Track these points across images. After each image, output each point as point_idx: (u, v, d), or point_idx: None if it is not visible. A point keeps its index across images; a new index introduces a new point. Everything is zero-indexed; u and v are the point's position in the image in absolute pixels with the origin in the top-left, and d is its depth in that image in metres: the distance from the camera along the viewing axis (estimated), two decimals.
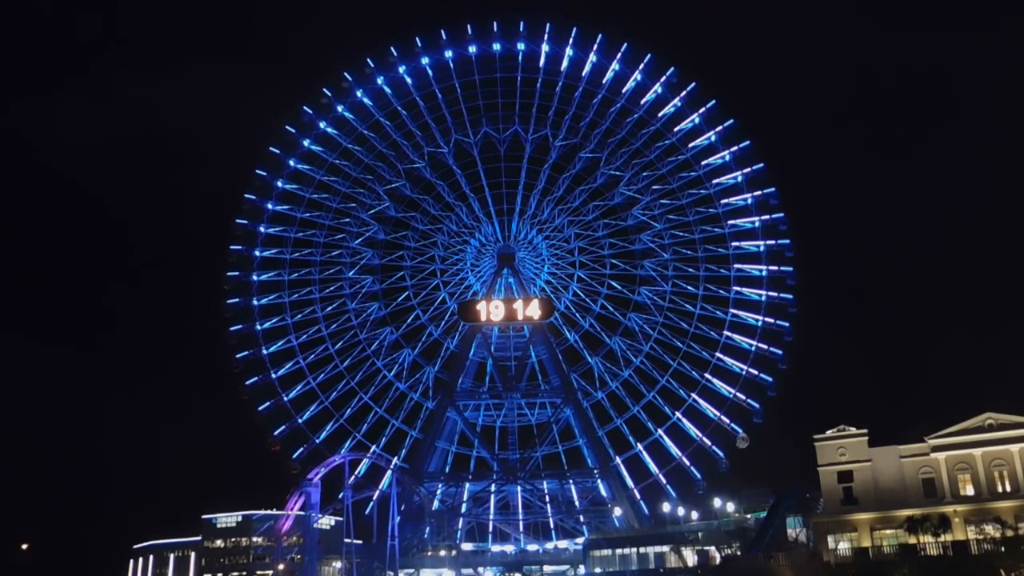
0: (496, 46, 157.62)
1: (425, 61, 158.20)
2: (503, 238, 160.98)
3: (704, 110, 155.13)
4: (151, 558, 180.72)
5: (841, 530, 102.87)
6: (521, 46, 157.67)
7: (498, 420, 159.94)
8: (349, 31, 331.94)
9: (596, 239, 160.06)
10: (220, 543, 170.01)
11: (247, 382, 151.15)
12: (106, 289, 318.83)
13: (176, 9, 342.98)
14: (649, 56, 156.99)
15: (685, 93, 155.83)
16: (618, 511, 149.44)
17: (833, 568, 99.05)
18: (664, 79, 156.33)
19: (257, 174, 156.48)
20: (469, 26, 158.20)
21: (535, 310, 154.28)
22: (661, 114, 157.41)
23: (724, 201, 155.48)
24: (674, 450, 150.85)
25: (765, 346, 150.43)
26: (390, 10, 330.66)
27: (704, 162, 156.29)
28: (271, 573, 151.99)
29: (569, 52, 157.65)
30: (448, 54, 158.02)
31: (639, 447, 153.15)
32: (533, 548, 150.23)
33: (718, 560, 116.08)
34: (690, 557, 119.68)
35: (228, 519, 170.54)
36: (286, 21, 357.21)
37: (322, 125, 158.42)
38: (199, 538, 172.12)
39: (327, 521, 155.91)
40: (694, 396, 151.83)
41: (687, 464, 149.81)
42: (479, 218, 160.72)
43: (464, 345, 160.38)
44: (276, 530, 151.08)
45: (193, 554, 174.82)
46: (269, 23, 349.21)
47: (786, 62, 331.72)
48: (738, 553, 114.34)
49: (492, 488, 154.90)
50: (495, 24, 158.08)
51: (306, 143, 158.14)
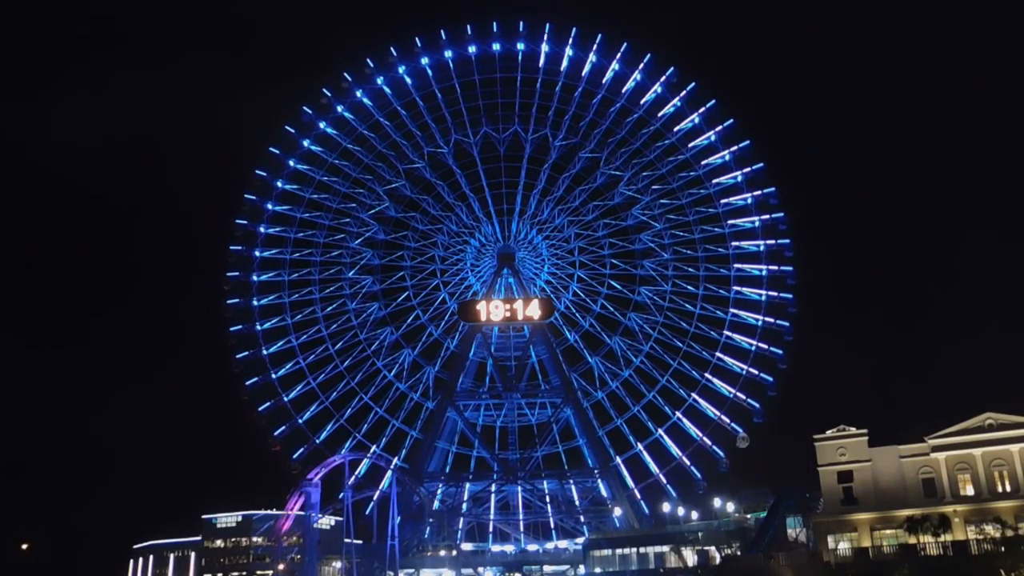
0: (496, 46, 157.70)
1: (425, 61, 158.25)
2: (503, 238, 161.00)
3: (704, 110, 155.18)
4: (151, 558, 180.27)
5: (841, 530, 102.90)
6: (521, 46, 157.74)
7: (498, 420, 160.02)
8: (349, 31, 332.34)
9: (596, 239, 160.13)
10: (220, 543, 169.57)
11: (247, 382, 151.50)
12: (106, 289, 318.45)
13: (176, 9, 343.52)
14: (649, 56, 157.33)
15: (685, 93, 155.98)
16: (618, 511, 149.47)
17: (833, 568, 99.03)
18: (664, 79, 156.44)
19: (257, 174, 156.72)
20: (469, 26, 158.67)
21: (535, 310, 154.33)
22: (661, 114, 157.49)
23: (724, 201, 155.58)
24: (674, 450, 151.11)
25: (765, 346, 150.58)
26: (390, 10, 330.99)
27: (704, 162, 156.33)
28: (271, 573, 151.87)
29: (569, 52, 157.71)
30: (448, 54, 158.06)
31: (639, 447, 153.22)
32: (533, 548, 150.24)
33: (718, 560, 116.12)
34: (690, 557, 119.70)
35: (228, 519, 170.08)
36: (286, 21, 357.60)
37: (322, 125, 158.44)
38: (199, 538, 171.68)
39: (327, 521, 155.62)
40: (694, 396, 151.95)
41: (687, 464, 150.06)
42: (479, 218, 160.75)
43: (464, 345, 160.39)
44: (276, 530, 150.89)
45: (193, 554, 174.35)
46: (269, 23, 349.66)
47: (786, 62, 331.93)
48: (738, 553, 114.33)
49: (492, 488, 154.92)
50: (495, 24, 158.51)
51: (306, 143, 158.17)
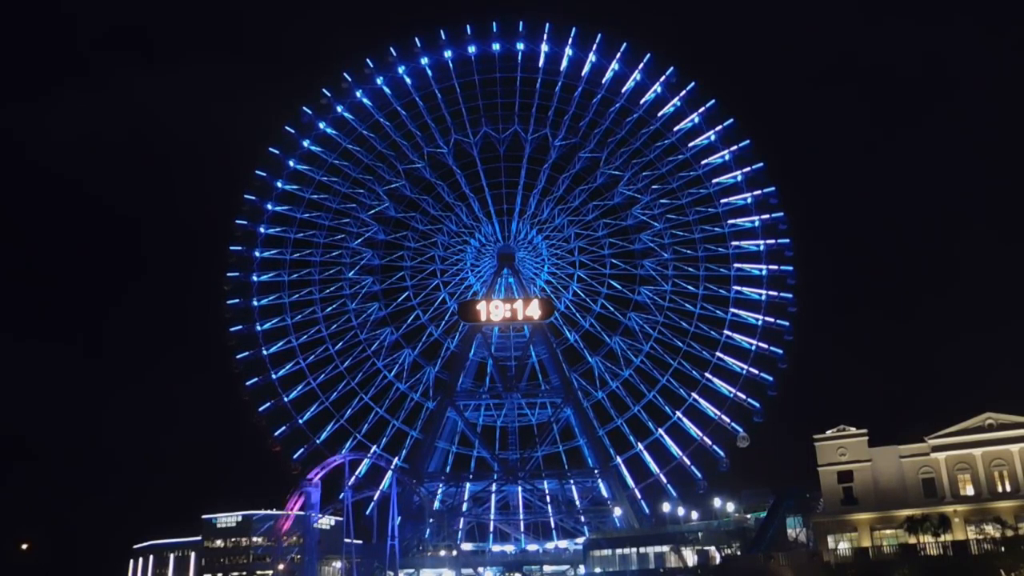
0: (495, 46, 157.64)
1: (424, 61, 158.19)
2: (503, 238, 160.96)
3: (704, 109, 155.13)
4: (151, 558, 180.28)
5: (841, 530, 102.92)
6: (520, 46, 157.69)
7: (498, 420, 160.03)
8: (348, 31, 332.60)
9: (596, 239, 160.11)
10: (220, 543, 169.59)
11: (247, 383, 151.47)
12: (106, 289, 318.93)
13: (176, 8, 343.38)
14: (649, 56, 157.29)
15: (685, 93, 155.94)
16: (618, 511, 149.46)
17: (833, 568, 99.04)
18: (664, 79, 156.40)
19: (257, 174, 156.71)
20: (468, 26, 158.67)
21: (535, 310, 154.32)
22: (661, 114, 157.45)
23: (724, 200, 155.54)
24: (675, 449, 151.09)
25: (765, 345, 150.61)
26: (390, 10, 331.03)
27: (704, 161, 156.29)
28: (271, 573, 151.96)
29: (568, 52, 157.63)
30: (447, 54, 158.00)
31: (640, 447, 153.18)
32: (533, 548, 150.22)
33: (718, 560, 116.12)
34: (690, 557, 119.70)
35: (228, 519, 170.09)
36: (286, 21, 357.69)
37: (322, 125, 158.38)
38: (199, 538, 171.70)
39: (327, 521, 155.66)
40: (694, 395, 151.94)
41: (688, 464, 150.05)
42: (479, 218, 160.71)
43: (464, 345, 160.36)
44: (276, 530, 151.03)
45: (193, 554, 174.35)
46: (269, 23, 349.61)
47: (786, 62, 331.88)
48: (738, 553, 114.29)
49: (492, 488, 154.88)
50: (494, 24, 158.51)
51: (306, 143, 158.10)
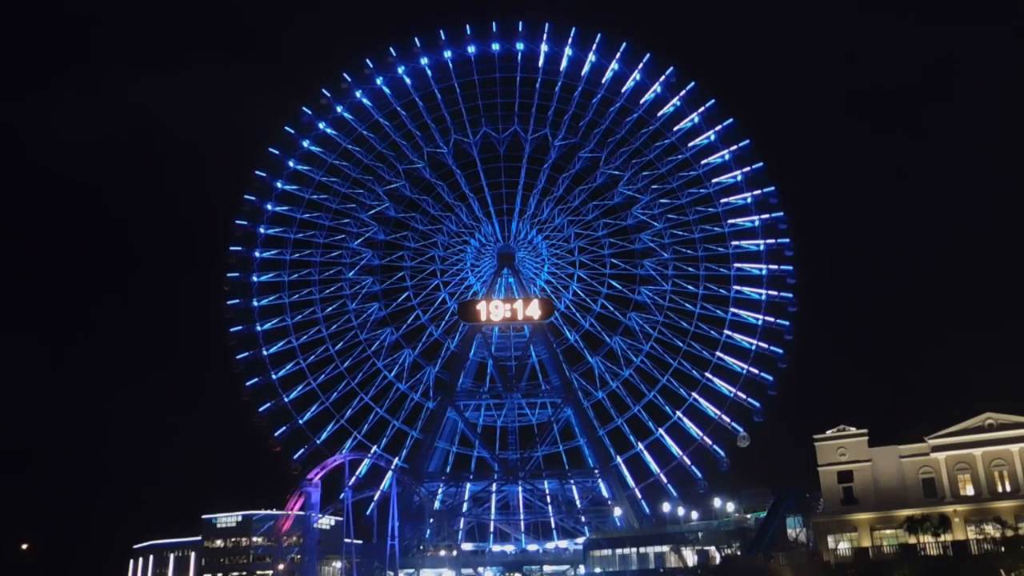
0: (495, 46, 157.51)
1: (424, 61, 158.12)
2: (503, 238, 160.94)
3: (703, 109, 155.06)
4: (151, 558, 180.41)
5: (841, 530, 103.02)
6: (520, 46, 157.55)
7: (498, 420, 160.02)
8: (348, 31, 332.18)
9: (596, 239, 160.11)
10: (220, 543, 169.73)
11: (247, 383, 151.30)
12: (106, 289, 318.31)
13: (176, 8, 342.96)
14: (648, 56, 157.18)
15: (684, 92, 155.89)
16: (618, 511, 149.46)
17: (833, 568, 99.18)
18: (663, 78, 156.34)
19: (257, 175, 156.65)
20: (468, 26, 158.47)
21: (535, 310, 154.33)
22: (660, 113, 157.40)
23: (724, 200, 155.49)
24: (675, 449, 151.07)
25: (765, 345, 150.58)
26: (389, 10, 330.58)
27: (704, 161, 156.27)
28: (271, 573, 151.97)
29: (568, 52, 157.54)
30: (447, 54, 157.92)
31: (640, 446, 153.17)
32: (533, 548, 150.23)
33: (718, 560, 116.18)
34: (690, 557, 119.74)
35: (228, 519, 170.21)
36: (286, 21, 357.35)
37: (321, 126, 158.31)
38: (199, 538, 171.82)
39: (327, 521, 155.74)
40: (695, 395, 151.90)
41: (688, 463, 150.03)
42: (479, 218, 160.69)
43: (464, 345, 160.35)
44: (276, 530, 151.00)
45: (193, 554, 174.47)
46: (269, 23, 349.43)
47: (786, 62, 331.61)
48: (738, 553, 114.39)
49: (492, 488, 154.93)
50: (494, 24, 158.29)
51: (305, 144, 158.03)
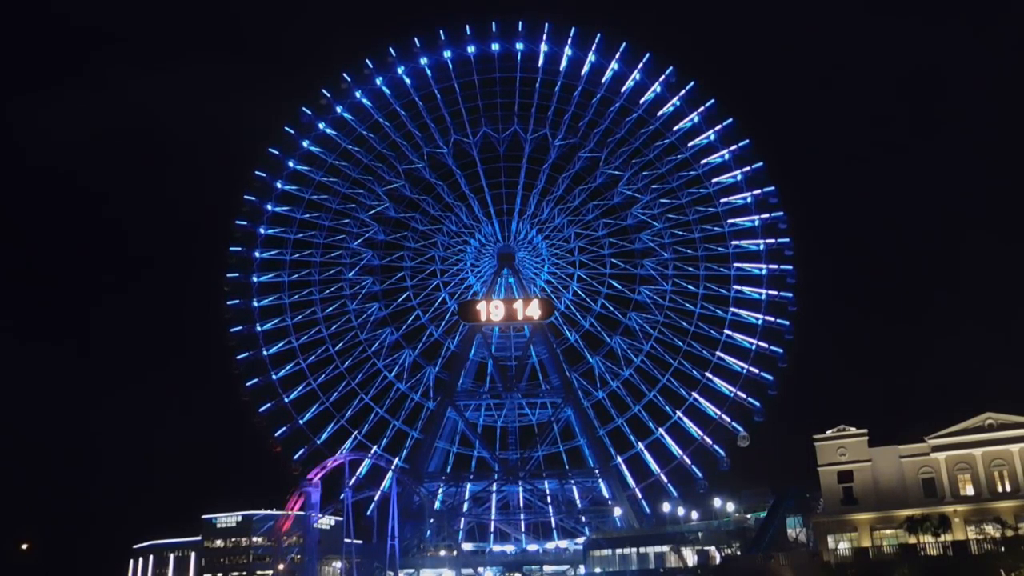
0: (495, 46, 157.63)
1: (424, 61, 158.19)
2: (503, 238, 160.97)
3: (703, 109, 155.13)
4: (151, 558, 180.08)
5: (841, 530, 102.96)
6: (520, 46, 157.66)
7: (499, 420, 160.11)
8: (348, 31, 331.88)
9: (596, 238, 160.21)
10: (220, 543, 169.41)
11: (248, 384, 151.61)
12: (106, 289, 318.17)
13: (175, 8, 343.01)
14: (648, 55, 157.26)
15: (684, 92, 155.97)
16: (618, 511, 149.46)
17: (833, 568, 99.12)
18: (663, 78, 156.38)
19: (256, 175, 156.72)
20: (468, 26, 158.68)
21: (535, 310, 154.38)
22: (660, 113, 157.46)
23: (724, 200, 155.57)
24: (675, 449, 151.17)
25: (765, 345, 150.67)
26: (389, 10, 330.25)
27: (703, 161, 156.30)
28: (271, 573, 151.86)
29: (568, 52, 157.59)
30: (447, 54, 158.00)
31: (640, 446, 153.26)
32: (533, 548, 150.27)
33: (718, 560, 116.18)
34: (690, 557, 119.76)
35: (228, 519, 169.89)
36: (286, 21, 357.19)
37: (321, 126, 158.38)
38: (199, 538, 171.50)
39: (327, 521, 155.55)
40: (695, 395, 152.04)
41: (688, 463, 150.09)
42: (479, 218, 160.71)
43: (464, 345, 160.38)
44: (276, 530, 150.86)
45: (193, 554, 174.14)
46: (269, 23, 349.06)
47: (786, 62, 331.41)
48: (738, 553, 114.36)
49: (493, 488, 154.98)
50: (494, 24, 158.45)
51: (305, 144, 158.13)
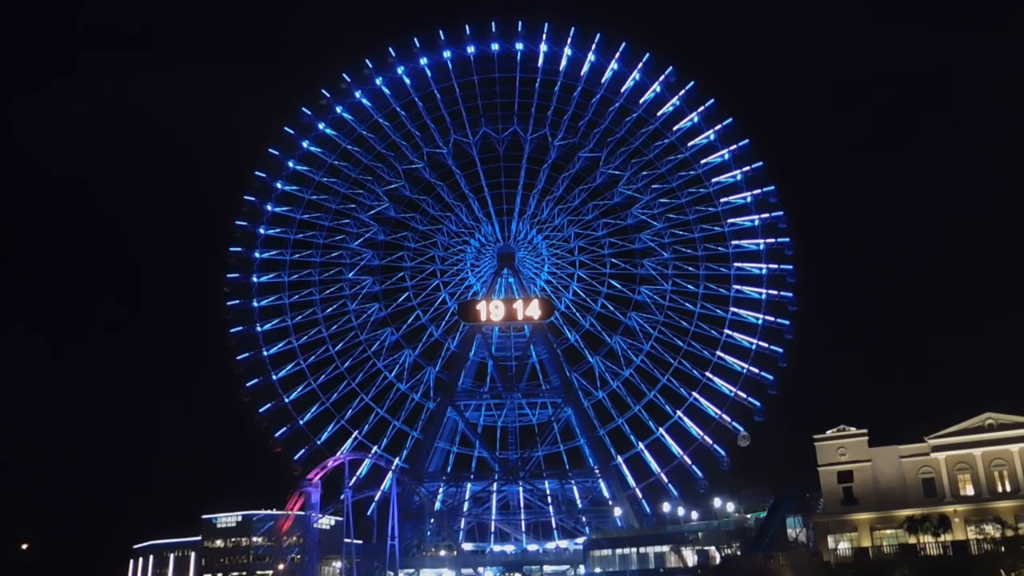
0: (494, 46, 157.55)
1: (424, 62, 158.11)
2: (503, 238, 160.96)
3: (703, 109, 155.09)
4: (151, 558, 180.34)
5: (841, 530, 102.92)
6: (519, 46, 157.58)
7: (499, 420, 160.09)
8: (348, 31, 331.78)
9: (596, 238, 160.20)
10: (220, 543, 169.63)
11: (248, 384, 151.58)
12: (106, 289, 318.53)
13: (176, 8, 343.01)
14: (648, 55, 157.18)
15: (684, 92, 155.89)
16: (619, 511, 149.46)
17: (833, 568, 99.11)
18: (663, 78, 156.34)
19: (256, 175, 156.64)
20: (467, 26, 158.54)
21: (535, 310, 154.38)
22: (660, 113, 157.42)
23: (724, 200, 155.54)
24: (675, 449, 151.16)
25: (766, 344, 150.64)
26: (389, 10, 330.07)
27: (703, 161, 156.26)
28: (271, 573, 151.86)
29: (568, 52, 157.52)
30: (447, 54, 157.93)
31: (640, 446, 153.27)
32: (533, 548, 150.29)
33: (718, 560, 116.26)
34: (690, 557, 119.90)
35: (228, 519, 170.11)
36: (285, 21, 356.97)
37: (321, 126, 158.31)
38: (199, 538, 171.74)
39: (327, 521, 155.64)
40: (695, 395, 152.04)
41: (688, 463, 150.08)
42: (479, 218, 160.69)
43: (464, 345, 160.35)
44: (276, 530, 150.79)
45: (193, 554, 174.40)
46: (269, 23, 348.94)
47: (786, 62, 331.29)
48: (738, 553, 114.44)
49: (493, 488, 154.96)
50: (493, 24, 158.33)
51: (305, 144, 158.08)
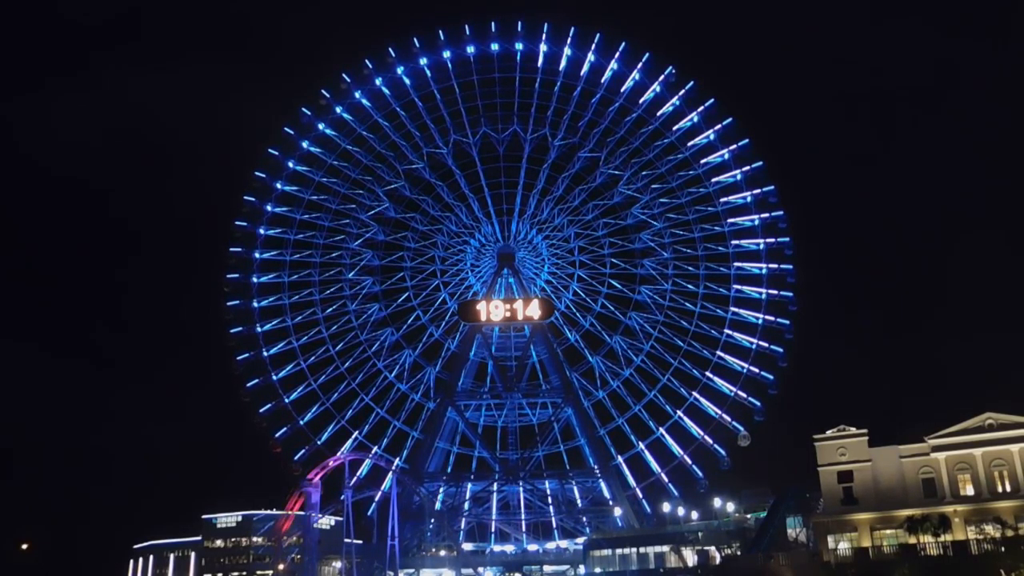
0: (494, 46, 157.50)
1: (423, 62, 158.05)
2: (503, 238, 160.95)
3: (703, 109, 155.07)
4: (151, 558, 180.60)
5: (841, 530, 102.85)
6: (519, 46, 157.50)
7: (499, 420, 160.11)
8: (348, 32, 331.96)
9: (596, 238, 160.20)
10: (220, 543, 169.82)
11: (248, 384, 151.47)
12: (106, 290, 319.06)
13: (176, 8, 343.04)
14: (648, 55, 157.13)
15: (684, 92, 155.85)
16: (619, 511, 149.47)
17: (833, 568, 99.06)
18: (663, 78, 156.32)
19: (256, 175, 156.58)
20: (467, 26, 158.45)
21: (535, 310, 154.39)
22: (660, 113, 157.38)
23: (723, 199, 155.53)
24: (676, 449, 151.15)
25: (766, 344, 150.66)
26: (388, 10, 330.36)
27: (703, 161, 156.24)
28: (271, 573, 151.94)
29: (567, 52, 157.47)
30: (446, 54, 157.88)
31: (640, 446, 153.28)
32: (534, 548, 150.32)
33: (718, 560, 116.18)
34: (690, 557, 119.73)
35: (228, 519, 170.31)
36: (286, 21, 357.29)
37: (321, 126, 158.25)
38: (199, 538, 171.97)
39: (327, 521, 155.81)
40: (695, 395, 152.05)
41: (688, 463, 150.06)
42: (479, 218, 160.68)
43: (464, 345, 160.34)
44: (276, 530, 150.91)
45: (193, 554, 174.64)
46: (269, 23, 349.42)
47: (786, 62, 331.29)
48: (738, 553, 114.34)
49: (493, 488, 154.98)
50: (493, 24, 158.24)
51: (305, 144, 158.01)
